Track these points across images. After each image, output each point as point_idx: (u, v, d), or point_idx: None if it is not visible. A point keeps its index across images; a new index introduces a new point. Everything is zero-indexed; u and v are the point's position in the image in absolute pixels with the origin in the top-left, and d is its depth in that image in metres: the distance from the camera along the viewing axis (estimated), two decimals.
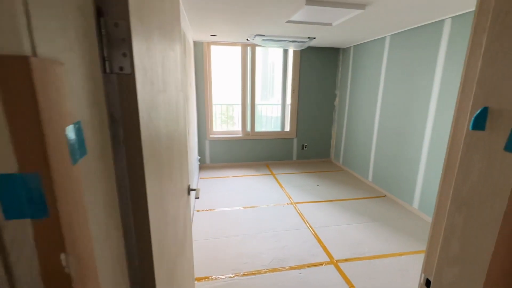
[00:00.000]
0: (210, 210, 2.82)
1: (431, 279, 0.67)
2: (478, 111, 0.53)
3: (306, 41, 3.50)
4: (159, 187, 0.65)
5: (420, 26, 2.66)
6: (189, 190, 1.28)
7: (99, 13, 0.45)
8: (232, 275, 1.86)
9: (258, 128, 4.56)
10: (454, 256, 0.59)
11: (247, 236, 2.35)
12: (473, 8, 2.10)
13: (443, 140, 2.46)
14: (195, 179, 3.26)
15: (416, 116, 2.76)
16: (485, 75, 0.52)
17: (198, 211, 2.79)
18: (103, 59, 0.44)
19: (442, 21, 2.41)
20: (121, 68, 0.45)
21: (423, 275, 0.71)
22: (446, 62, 2.40)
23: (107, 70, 0.44)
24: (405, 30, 2.86)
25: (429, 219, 2.63)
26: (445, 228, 0.62)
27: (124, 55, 0.45)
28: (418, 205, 2.78)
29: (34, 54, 0.26)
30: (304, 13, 2.25)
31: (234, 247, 2.18)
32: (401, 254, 2.11)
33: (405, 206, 2.95)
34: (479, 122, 0.54)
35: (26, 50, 0.25)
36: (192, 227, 2.48)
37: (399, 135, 3.04)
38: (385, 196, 3.24)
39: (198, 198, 1.18)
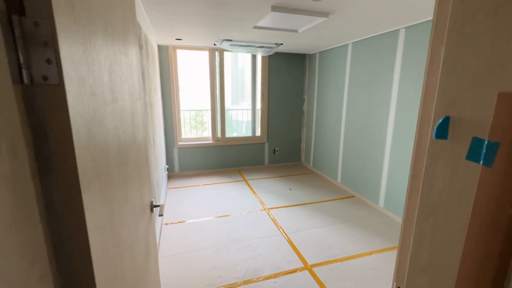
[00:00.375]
0: (180, 222, 2.67)
1: (402, 287, 0.67)
2: (440, 120, 0.54)
3: (274, 47, 3.53)
4: (108, 214, 0.56)
5: (379, 34, 2.83)
6: (153, 206, 1.18)
7: (21, 10, 0.36)
8: None
9: (229, 133, 4.49)
10: (424, 265, 0.59)
11: (221, 247, 2.25)
12: (423, 20, 2.28)
13: (403, 141, 2.62)
14: (163, 190, 3.07)
15: (378, 118, 2.92)
16: (445, 85, 0.53)
17: (166, 224, 2.62)
18: (19, 67, 0.35)
19: (398, 30, 2.59)
20: (44, 78, 0.37)
21: (395, 283, 0.70)
22: (402, 67, 2.57)
23: (25, 80, 0.35)
24: (365, 38, 3.03)
25: (393, 216, 2.78)
26: (414, 237, 0.61)
27: (49, 61, 0.36)
28: (383, 204, 2.92)
29: None
30: (270, 19, 2.26)
31: (207, 261, 2.07)
32: (370, 253, 2.19)
33: (371, 205, 3.08)
34: (442, 131, 0.54)
35: None
36: (160, 242, 2.31)
37: (364, 137, 3.18)
38: (353, 196, 3.36)
39: (162, 215, 1.08)
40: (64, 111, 0.38)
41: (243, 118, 5.07)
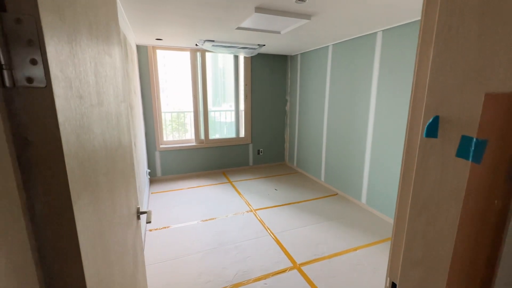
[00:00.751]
0: (165, 228, 2.58)
1: (396, 282, 0.69)
2: (430, 120, 0.56)
3: (256, 48, 3.54)
4: (99, 225, 0.53)
5: (357, 37, 2.93)
6: (139, 213, 1.13)
7: (1, 5, 0.33)
8: None
9: (212, 135, 4.43)
10: (417, 259, 0.61)
11: (208, 251, 2.21)
12: (399, 23, 2.40)
13: (383, 139, 2.74)
14: (145, 196, 2.96)
15: (359, 117, 3.02)
16: (434, 85, 0.56)
17: (150, 230, 2.53)
18: (0, 68, 0.31)
19: (375, 33, 2.70)
20: (29, 80, 0.33)
21: (388, 278, 0.73)
22: (380, 68, 2.68)
23: (7, 83, 0.32)
24: (345, 40, 3.12)
25: (375, 212, 2.88)
26: (406, 233, 0.64)
27: (34, 62, 0.33)
28: (365, 200, 3.03)
29: None
30: (253, 20, 2.26)
31: (195, 266, 2.02)
32: (355, 249, 2.25)
33: (354, 202, 3.18)
34: (432, 130, 0.57)
35: None
36: (145, 250, 2.22)
37: (345, 136, 3.28)
38: (337, 194, 3.45)
39: (150, 222, 1.03)
40: (53, 117, 0.35)
41: (226, 120, 5.03)
